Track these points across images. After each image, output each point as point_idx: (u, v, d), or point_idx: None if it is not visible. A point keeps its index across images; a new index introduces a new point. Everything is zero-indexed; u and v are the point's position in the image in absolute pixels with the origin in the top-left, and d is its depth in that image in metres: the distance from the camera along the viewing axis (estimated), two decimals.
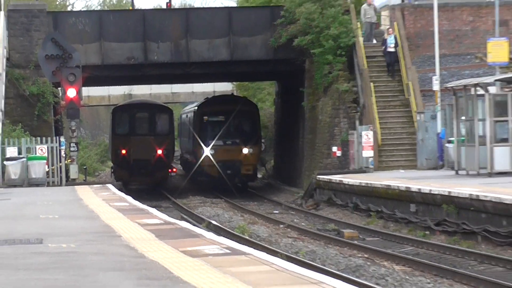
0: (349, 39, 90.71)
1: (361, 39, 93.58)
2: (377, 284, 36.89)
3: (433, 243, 52.85)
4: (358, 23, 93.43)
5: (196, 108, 76.09)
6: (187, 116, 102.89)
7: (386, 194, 65.95)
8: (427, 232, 56.66)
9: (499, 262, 44.45)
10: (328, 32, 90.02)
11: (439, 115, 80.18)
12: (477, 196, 52.37)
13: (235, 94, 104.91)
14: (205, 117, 69.50)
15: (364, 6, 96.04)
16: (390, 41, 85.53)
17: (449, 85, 77.06)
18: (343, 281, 28.33)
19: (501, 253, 46.33)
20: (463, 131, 72.28)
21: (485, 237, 49.89)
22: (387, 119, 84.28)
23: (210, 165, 66.80)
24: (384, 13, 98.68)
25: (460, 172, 71.31)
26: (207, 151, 66.16)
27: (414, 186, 61.98)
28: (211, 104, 75.60)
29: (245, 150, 66.55)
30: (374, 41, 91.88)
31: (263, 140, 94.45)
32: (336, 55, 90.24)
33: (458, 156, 72.05)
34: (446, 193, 56.49)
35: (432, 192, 58.52)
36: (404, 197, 62.86)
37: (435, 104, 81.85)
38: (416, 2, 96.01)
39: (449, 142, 74.69)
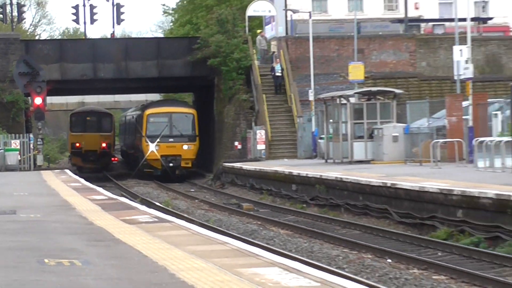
0: (247, 61, 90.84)
1: (256, 62, 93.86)
2: (267, 244, 37.53)
3: (308, 213, 54.05)
4: (254, 50, 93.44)
5: (142, 110, 73.51)
6: (132, 117, 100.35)
7: (274, 177, 66.38)
8: (304, 205, 57.43)
9: (357, 227, 45.56)
10: (232, 56, 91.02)
11: (313, 118, 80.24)
12: (341, 178, 53.35)
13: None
14: (151, 118, 67.08)
15: (258, 37, 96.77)
16: (277, 68, 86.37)
17: (320, 96, 77.05)
18: (242, 241, 29.68)
19: (358, 220, 47.55)
20: (331, 130, 72.16)
21: (347, 209, 50.88)
22: (275, 121, 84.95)
23: (155, 159, 65.00)
24: (273, 43, 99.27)
25: (328, 160, 71.80)
26: (152, 147, 64.51)
27: (295, 171, 62.51)
28: (156, 106, 73.84)
29: (185, 147, 65.49)
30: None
31: None
32: (238, 74, 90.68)
33: (327, 149, 72.21)
34: (318, 176, 57.31)
35: (308, 176, 59.48)
36: (287, 179, 63.48)
37: (310, 110, 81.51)
38: (297, 35, 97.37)
39: (321, 138, 75.06)
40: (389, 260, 32.83)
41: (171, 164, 69.49)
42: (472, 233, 35.69)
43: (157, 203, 59.71)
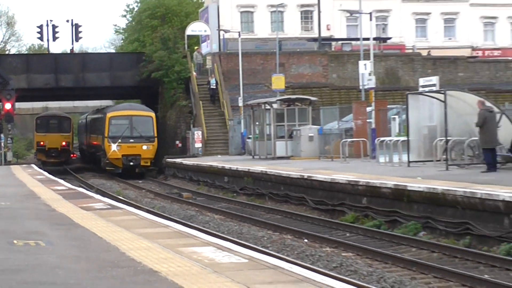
0: (186, 73, 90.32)
1: (194, 73, 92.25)
2: (203, 227, 37.50)
3: (238, 201, 53.99)
4: (192, 64, 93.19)
5: (104, 113, 70.34)
6: (90, 119, 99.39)
7: (209, 170, 65.87)
8: (235, 194, 57.26)
9: (279, 213, 45.70)
10: (173, 69, 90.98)
11: (242, 121, 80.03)
12: (266, 171, 53.30)
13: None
14: (113, 121, 64.19)
15: (195, 53, 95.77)
16: (212, 82, 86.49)
17: (248, 103, 75.98)
18: (182, 225, 29.84)
19: (279, 207, 47.67)
20: (257, 131, 72.19)
21: (270, 197, 50.91)
22: (210, 124, 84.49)
23: (116, 158, 62.49)
24: (209, 58, 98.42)
25: (255, 157, 71.19)
26: (114, 147, 61.83)
27: (227, 165, 61.93)
28: (117, 110, 71.65)
29: (144, 147, 62.94)
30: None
31: None
32: (178, 84, 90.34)
33: (254, 147, 71.80)
34: (247, 170, 57.11)
35: (238, 169, 59.23)
36: (220, 172, 62.83)
37: (239, 114, 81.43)
38: (228, 51, 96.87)
39: (249, 138, 74.81)
40: (306, 240, 33.05)
41: (131, 163, 67.11)
42: (375, 217, 36.12)
43: (110, 193, 59.03)
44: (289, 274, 15.57)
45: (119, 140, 60.43)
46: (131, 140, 60.94)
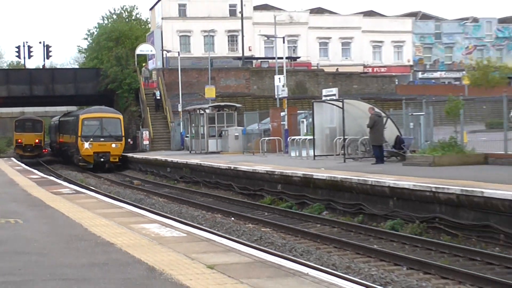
0: (136, 85, 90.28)
1: (142, 85, 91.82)
2: (150, 207, 37.38)
3: (178, 187, 53.56)
4: (140, 77, 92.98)
5: (76, 116, 67.31)
6: (65, 121, 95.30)
7: (155, 162, 65.03)
8: (175, 182, 56.22)
9: (211, 196, 44.98)
10: (125, 82, 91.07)
11: (181, 123, 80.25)
12: (200, 163, 51.94)
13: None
14: (85, 122, 62.13)
15: (143, 68, 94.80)
16: (157, 94, 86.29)
17: (186, 108, 75.98)
18: (133, 206, 30.44)
19: (212, 192, 47.10)
20: (193, 131, 72.51)
21: (204, 184, 50.10)
22: (156, 125, 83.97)
23: (88, 155, 60.84)
24: (154, 72, 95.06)
25: (192, 152, 69.67)
26: (86, 145, 60.23)
27: (169, 159, 61.07)
28: (89, 112, 68.53)
29: (113, 145, 60.80)
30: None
31: None
32: (129, 93, 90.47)
33: (191, 144, 71.90)
34: (185, 162, 55.76)
35: (178, 162, 57.80)
36: (164, 164, 61.79)
37: (179, 118, 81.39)
38: (170, 67, 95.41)
39: (187, 137, 75.24)
40: (233, 218, 33.09)
41: (102, 159, 65.10)
42: (287, 200, 36.20)
43: (75, 181, 57.66)
44: (219, 245, 15.67)
45: (91, 139, 58.60)
46: (102, 139, 59.14)
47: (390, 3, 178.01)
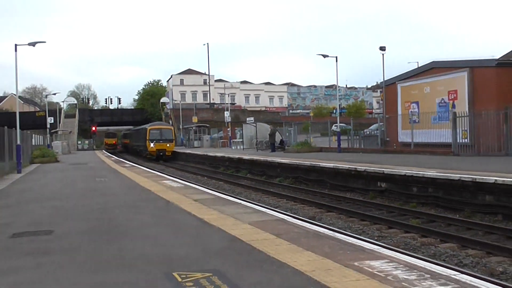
0: (160, 116, 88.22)
1: (163, 116, 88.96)
2: (167, 173, 33.16)
3: (181, 163, 48.48)
4: (162, 113, 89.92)
5: (146, 127, 57.02)
6: (135, 130, 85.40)
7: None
8: (181, 162, 56.44)
9: (195, 168, 41.03)
10: (155, 115, 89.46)
11: (181, 134, 77.35)
12: (191, 152, 50.94)
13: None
14: (151, 131, 53.93)
15: (165, 109, 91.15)
16: (170, 121, 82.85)
17: (184, 127, 73.53)
18: (160, 172, 27.94)
19: (196, 165, 43.43)
20: (187, 138, 70.89)
21: (194, 161, 48.87)
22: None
23: (153, 151, 52.64)
24: (169, 110, 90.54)
25: (186, 147, 67.20)
26: (152, 145, 52.66)
27: (177, 150, 61.22)
28: (154, 125, 57.26)
29: (168, 144, 52.94)
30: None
31: None
32: (158, 120, 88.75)
33: (185, 144, 70.98)
34: (182, 152, 55.24)
35: (180, 152, 59.14)
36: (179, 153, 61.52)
37: (181, 131, 78.43)
38: (175, 108, 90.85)
39: (183, 139, 75.99)
40: (206, 177, 32.43)
41: (161, 154, 53.64)
42: (231, 169, 35.30)
43: (133, 162, 54.17)
44: (200, 190, 15.64)
45: (155, 141, 52.56)
46: (161, 141, 53.05)
47: (278, 77, 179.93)
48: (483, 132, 24.77)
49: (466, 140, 25.76)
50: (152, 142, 52.62)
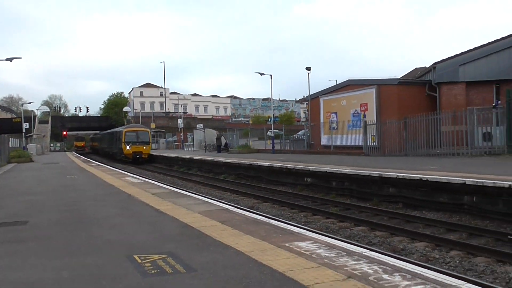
0: (123, 123, 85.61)
1: (125, 122, 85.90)
2: (128, 171, 32.31)
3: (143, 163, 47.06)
4: (125, 120, 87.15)
5: (121, 130, 47.79)
6: (108, 133, 74.69)
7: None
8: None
9: (155, 167, 40.14)
10: (118, 122, 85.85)
11: None
12: (151, 153, 50.90)
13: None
14: (127, 133, 44.96)
15: (127, 116, 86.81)
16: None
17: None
18: (122, 170, 26.90)
19: (157, 165, 42.70)
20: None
21: (155, 161, 49.39)
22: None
23: (129, 154, 43.96)
24: (130, 118, 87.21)
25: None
26: (128, 147, 43.80)
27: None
28: (129, 127, 48.80)
29: (144, 147, 44.01)
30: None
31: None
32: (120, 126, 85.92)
33: None
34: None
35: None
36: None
37: None
38: (136, 116, 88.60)
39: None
40: (162, 174, 31.88)
41: (137, 156, 45.12)
42: (183, 167, 34.87)
43: (98, 161, 53.29)
44: (156, 185, 15.37)
45: (131, 143, 44.20)
46: (137, 143, 44.51)
47: (224, 91, 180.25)
48: (387, 137, 25.59)
49: (374, 143, 26.50)
50: (128, 145, 44.95)
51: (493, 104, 23.30)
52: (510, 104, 19.98)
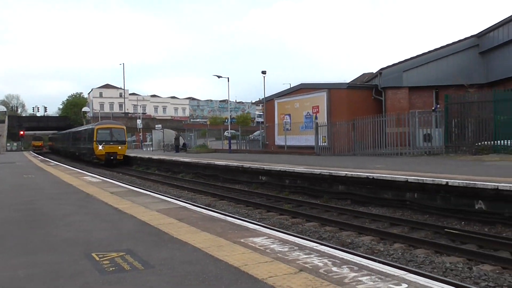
0: (82, 123, 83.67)
1: (84, 122, 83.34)
2: (86, 170, 31.38)
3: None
4: (84, 119, 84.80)
5: (93, 127, 39.44)
6: (77, 131, 50.61)
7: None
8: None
9: (114, 165, 38.69)
10: (78, 121, 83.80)
11: None
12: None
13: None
14: (99, 131, 37.88)
15: (86, 116, 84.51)
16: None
17: None
18: (80, 170, 26.64)
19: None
20: None
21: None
22: None
23: (101, 154, 36.74)
24: (90, 118, 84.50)
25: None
26: (100, 147, 36.68)
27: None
28: (102, 124, 40.09)
29: (120, 147, 37.11)
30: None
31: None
32: (80, 125, 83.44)
33: None
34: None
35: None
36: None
37: None
38: (95, 116, 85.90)
39: None
40: (121, 174, 31.28)
41: (111, 157, 37.76)
42: (143, 166, 34.33)
43: (56, 161, 51.27)
44: (115, 184, 15.08)
45: (104, 143, 37.24)
46: (111, 143, 37.55)
47: (182, 92, 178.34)
48: (337, 138, 26.11)
49: (325, 144, 26.98)
50: (100, 144, 37.69)
51: (433, 108, 24.23)
52: (448, 108, 20.78)
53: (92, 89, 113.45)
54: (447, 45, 27.76)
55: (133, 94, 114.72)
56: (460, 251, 7.79)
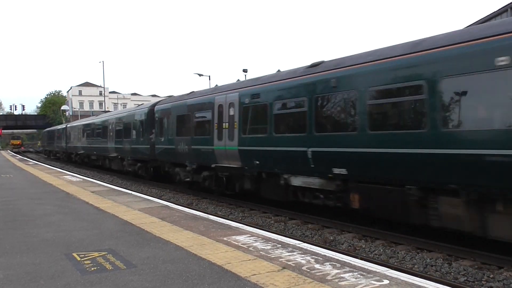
0: (61, 120, 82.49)
1: (63, 120, 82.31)
2: (67, 169, 30.62)
3: (77, 161, 46.01)
4: (63, 118, 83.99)
5: (66, 126, 37.64)
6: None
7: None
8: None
9: (85, 163, 35.86)
10: (57, 120, 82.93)
11: None
12: None
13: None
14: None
15: (65, 114, 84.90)
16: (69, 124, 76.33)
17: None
18: (60, 169, 26.96)
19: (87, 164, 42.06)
20: None
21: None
22: None
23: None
24: (69, 116, 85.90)
25: None
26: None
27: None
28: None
29: None
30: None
31: None
32: (59, 124, 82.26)
33: None
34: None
35: None
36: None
37: None
38: (74, 114, 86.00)
39: None
40: (98, 174, 30.69)
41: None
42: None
43: (34, 160, 50.38)
44: (95, 183, 14.94)
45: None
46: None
47: (163, 90, 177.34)
48: None
49: None
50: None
51: None
52: None
53: (71, 87, 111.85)
54: None
55: (113, 92, 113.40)
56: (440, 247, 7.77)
